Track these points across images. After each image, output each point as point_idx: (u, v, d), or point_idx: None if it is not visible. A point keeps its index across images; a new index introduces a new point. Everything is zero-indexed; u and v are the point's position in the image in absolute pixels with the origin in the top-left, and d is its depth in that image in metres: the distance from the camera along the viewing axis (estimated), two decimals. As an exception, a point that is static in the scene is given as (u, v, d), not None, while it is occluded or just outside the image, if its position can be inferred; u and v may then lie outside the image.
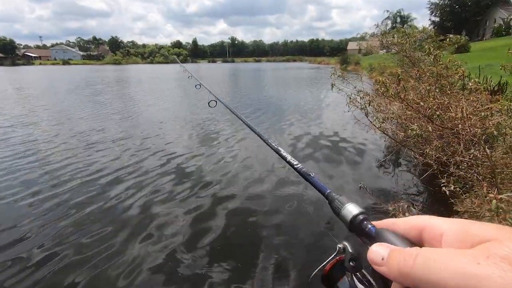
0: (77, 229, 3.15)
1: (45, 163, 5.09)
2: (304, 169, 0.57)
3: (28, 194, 3.95)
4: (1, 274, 2.52)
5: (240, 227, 3.23)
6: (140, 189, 4.06)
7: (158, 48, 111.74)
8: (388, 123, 4.28)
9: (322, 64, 60.76)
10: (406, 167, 4.77)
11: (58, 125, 8.04)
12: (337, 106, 10.40)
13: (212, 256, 2.72)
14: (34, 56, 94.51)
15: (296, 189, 4.02)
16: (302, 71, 39.86)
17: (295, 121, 8.29)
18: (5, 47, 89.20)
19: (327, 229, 3.12)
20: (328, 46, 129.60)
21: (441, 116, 2.97)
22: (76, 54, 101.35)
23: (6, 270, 2.57)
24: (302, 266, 2.59)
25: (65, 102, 12.66)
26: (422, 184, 4.07)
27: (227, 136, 6.82)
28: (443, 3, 48.16)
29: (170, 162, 5.05)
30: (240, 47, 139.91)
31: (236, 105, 11.56)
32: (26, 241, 2.95)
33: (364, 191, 2.52)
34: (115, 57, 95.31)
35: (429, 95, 3.58)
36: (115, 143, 6.23)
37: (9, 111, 10.28)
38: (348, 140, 6.28)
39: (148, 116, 9.54)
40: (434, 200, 3.60)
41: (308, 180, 0.54)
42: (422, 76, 4.41)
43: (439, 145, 3.10)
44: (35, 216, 3.41)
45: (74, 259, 2.68)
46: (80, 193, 3.96)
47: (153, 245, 2.88)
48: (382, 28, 16.27)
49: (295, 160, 0.61)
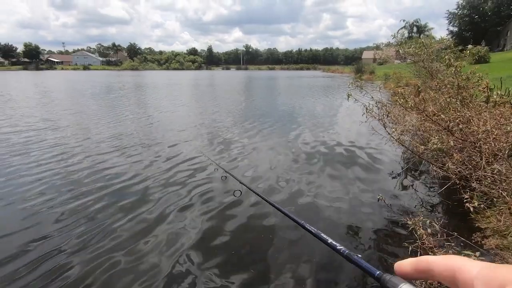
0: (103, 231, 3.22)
1: (79, 166, 5.26)
2: (347, 251, 0.56)
3: (55, 197, 4.08)
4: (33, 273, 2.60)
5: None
6: (163, 195, 4.12)
7: (174, 55, 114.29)
8: (406, 134, 4.21)
9: (335, 73, 60.51)
10: (424, 180, 4.64)
11: (86, 129, 8.31)
12: (353, 116, 10.31)
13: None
14: (56, 61, 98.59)
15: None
16: (316, 79, 39.77)
17: (309, 130, 8.26)
18: (30, 52, 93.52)
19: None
20: (343, 54, 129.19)
21: (464, 130, 2.90)
22: (96, 60, 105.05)
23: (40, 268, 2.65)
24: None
25: (92, 106, 13.10)
26: (440, 197, 3.96)
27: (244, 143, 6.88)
28: (462, 13, 47.30)
29: (197, 171, 5.10)
30: (254, 55, 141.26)
31: (251, 113, 11.64)
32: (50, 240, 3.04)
33: (382, 203, 2.48)
34: (132, 63, 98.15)
35: (450, 107, 3.51)
36: (144, 148, 6.40)
37: (39, 114, 10.71)
38: (364, 150, 6.20)
39: (171, 121, 9.74)
40: (454, 215, 3.49)
41: (354, 262, 0.53)
42: (442, 88, 4.33)
43: (460, 158, 3.02)
44: (60, 219, 3.51)
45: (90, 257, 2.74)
46: (102, 193, 4.07)
47: (167, 250, 2.91)
48: (398, 37, 16.12)
49: (337, 243, 0.60)
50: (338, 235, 3.17)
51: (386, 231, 3.24)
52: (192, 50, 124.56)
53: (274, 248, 2.81)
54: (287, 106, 13.54)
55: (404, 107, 3.48)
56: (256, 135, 7.62)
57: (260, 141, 7.00)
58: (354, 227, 3.30)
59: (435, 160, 3.84)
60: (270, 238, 2.97)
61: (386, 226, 3.33)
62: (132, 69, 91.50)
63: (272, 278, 2.50)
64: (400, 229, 3.16)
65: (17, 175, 4.80)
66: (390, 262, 2.66)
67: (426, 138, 4.01)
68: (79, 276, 2.53)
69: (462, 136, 3.23)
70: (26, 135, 7.41)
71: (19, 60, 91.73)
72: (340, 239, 3.10)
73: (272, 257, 2.70)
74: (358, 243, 3.03)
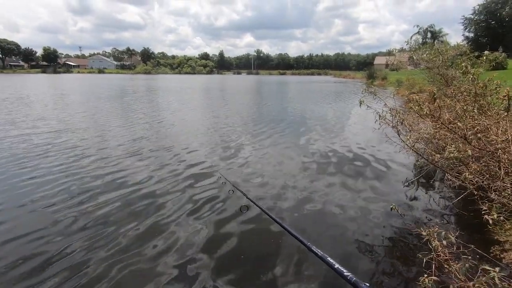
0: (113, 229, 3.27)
1: (99, 167, 5.38)
2: (354, 278, 0.55)
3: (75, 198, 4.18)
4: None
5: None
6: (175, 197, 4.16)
7: (186, 60, 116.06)
8: (420, 142, 4.12)
9: (347, 78, 60.11)
10: (439, 189, 4.53)
11: (100, 133, 8.50)
12: (365, 122, 10.18)
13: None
14: (73, 65, 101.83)
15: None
16: (328, 85, 39.56)
17: (320, 136, 8.20)
18: (49, 56, 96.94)
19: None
20: (354, 60, 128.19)
21: (482, 138, 2.82)
22: (110, 64, 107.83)
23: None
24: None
25: (108, 109, 13.41)
26: (456, 208, 3.84)
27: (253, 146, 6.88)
28: (478, 19, 46.37)
29: (209, 175, 5.12)
30: (265, 59, 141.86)
31: (262, 119, 11.64)
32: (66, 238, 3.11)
33: (395, 213, 2.42)
34: (145, 67, 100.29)
35: (466, 115, 3.42)
36: (153, 153, 6.47)
37: (56, 116, 11.04)
38: (376, 158, 6.10)
39: (181, 125, 9.86)
40: (470, 227, 3.38)
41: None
42: (458, 95, 4.23)
43: (477, 168, 2.93)
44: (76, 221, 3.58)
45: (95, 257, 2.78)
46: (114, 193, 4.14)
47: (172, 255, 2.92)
48: (411, 43, 15.88)
49: (344, 269, 0.60)
50: (344, 245, 3.10)
51: (399, 242, 3.15)
52: (203, 54, 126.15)
53: (278, 267, 2.73)
54: (298, 111, 13.50)
55: (419, 114, 3.41)
56: (266, 141, 7.60)
57: (270, 147, 6.98)
58: (362, 237, 3.22)
59: (450, 169, 3.74)
60: (275, 256, 2.88)
61: (399, 236, 3.25)
62: (145, 73, 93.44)
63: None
64: (414, 240, 3.08)
65: (34, 175, 4.94)
66: (405, 281, 2.59)
67: (441, 146, 3.92)
68: (89, 276, 2.58)
69: (479, 145, 3.14)
70: (46, 136, 7.64)
71: (38, 64, 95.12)
72: (346, 250, 3.02)
73: (275, 277, 2.63)
74: (367, 254, 2.96)
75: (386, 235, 3.25)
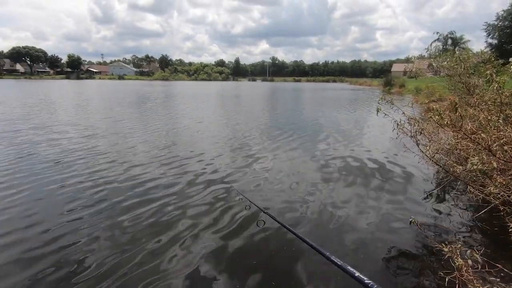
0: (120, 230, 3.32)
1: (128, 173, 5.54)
2: (376, 286, 0.53)
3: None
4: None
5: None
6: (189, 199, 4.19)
7: (202, 66, 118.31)
8: (440, 153, 3.97)
9: (363, 86, 59.27)
10: (460, 203, 4.32)
11: (121, 138, 8.76)
12: (383, 132, 9.95)
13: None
14: (95, 71, 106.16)
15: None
16: (343, 92, 39.13)
17: (337, 145, 8.04)
18: (73, 62, 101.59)
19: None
20: (371, 67, 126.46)
21: (508, 150, 2.68)
22: (130, 70, 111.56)
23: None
24: None
25: (132, 114, 13.83)
26: (479, 223, 3.65)
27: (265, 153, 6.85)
28: (503, 25, 44.72)
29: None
30: (281, 66, 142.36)
31: (279, 127, 11.62)
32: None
33: (415, 226, 2.32)
34: (163, 74, 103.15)
35: (491, 125, 3.27)
36: (169, 160, 6.59)
37: (79, 121, 11.50)
38: (395, 168, 5.91)
39: (198, 135, 10.01)
40: (495, 243, 3.19)
41: None
42: (481, 104, 4.06)
43: (503, 182, 2.78)
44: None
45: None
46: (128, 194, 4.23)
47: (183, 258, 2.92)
48: (431, 50, 15.46)
49: (365, 277, 0.58)
50: (361, 259, 2.99)
51: (419, 258, 3.01)
52: (219, 61, 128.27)
53: (295, 277, 2.68)
54: (314, 119, 13.32)
55: (439, 124, 3.29)
56: (283, 150, 7.46)
57: (286, 157, 6.84)
58: (380, 251, 3.10)
59: (473, 182, 3.57)
60: (293, 266, 2.83)
61: (419, 252, 3.10)
62: (163, 79, 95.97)
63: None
64: (435, 255, 2.93)
65: (52, 178, 5.13)
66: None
67: (463, 158, 3.75)
68: (102, 275, 2.62)
69: (505, 157, 2.98)
70: (73, 142, 7.95)
71: (62, 70, 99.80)
72: (363, 264, 2.92)
73: (291, 286, 2.59)
74: (387, 270, 2.84)
75: (406, 249, 3.12)
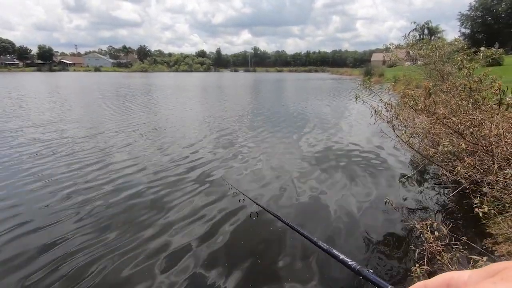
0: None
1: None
2: (358, 267, 0.58)
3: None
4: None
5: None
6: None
7: (183, 57, 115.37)
8: (415, 137, 4.15)
9: (344, 75, 60.10)
10: (434, 184, 4.56)
11: (104, 137, 8.48)
12: (362, 118, 10.21)
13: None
14: (69, 63, 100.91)
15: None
16: (325, 82, 39.56)
17: (316, 132, 8.22)
18: (44, 54, 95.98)
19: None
20: (352, 57, 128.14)
21: (475, 133, 2.84)
22: (107, 62, 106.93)
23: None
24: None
25: (116, 109, 13.35)
26: (450, 202, 3.88)
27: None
28: (475, 15, 46.45)
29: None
30: (263, 57, 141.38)
31: (264, 119, 11.63)
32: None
33: (390, 206, 2.45)
34: (142, 65, 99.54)
35: (461, 109, 3.45)
36: (158, 157, 6.45)
37: (51, 117, 10.98)
38: (372, 153, 6.13)
39: (184, 130, 9.85)
40: (464, 220, 3.42)
41: (365, 277, 0.54)
42: (453, 90, 4.25)
43: (471, 162, 2.96)
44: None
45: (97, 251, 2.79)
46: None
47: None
48: (409, 39, 15.88)
49: (349, 258, 0.63)
50: (345, 239, 3.14)
51: (393, 235, 3.19)
52: (200, 52, 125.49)
53: (286, 263, 2.79)
54: (297, 110, 13.39)
55: (414, 109, 3.43)
56: (268, 143, 7.46)
57: (272, 149, 6.85)
58: (361, 231, 3.26)
59: (445, 164, 3.77)
60: (283, 253, 2.93)
61: (393, 229, 3.28)
62: (141, 71, 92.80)
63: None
64: (408, 233, 3.11)
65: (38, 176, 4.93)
66: (399, 271, 2.62)
67: (436, 141, 3.95)
68: (104, 274, 2.59)
69: (473, 140, 3.17)
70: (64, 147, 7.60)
71: (33, 62, 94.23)
72: (347, 243, 3.07)
73: (285, 273, 2.67)
74: (365, 247, 2.99)
75: (381, 229, 3.29)
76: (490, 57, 6.12)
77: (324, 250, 0.77)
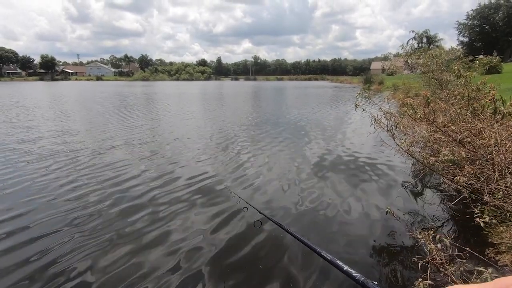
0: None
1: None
2: (363, 278, 0.57)
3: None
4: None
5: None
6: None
7: (184, 66, 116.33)
8: (415, 146, 4.15)
9: (344, 83, 60.49)
10: (434, 193, 4.54)
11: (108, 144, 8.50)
12: (361, 127, 10.23)
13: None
14: (71, 72, 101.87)
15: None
16: (325, 90, 39.77)
17: (317, 140, 8.22)
18: (46, 63, 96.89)
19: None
20: (351, 65, 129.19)
21: (474, 141, 2.84)
22: (108, 71, 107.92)
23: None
24: None
25: (117, 119, 13.41)
26: (452, 211, 3.85)
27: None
28: (472, 24, 47.04)
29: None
30: (263, 65, 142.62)
31: (266, 127, 11.65)
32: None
33: (391, 216, 2.43)
34: (143, 74, 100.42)
35: (460, 118, 3.46)
36: (161, 166, 6.45)
37: (57, 127, 11.03)
38: (373, 162, 6.12)
39: (186, 141, 9.87)
40: (466, 230, 3.39)
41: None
42: (452, 98, 4.27)
43: (471, 171, 2.95)
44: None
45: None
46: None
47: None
48: (407, 48, 16.01)
49: (353, 269, 0.61)
50: (346, 249, 3.11)
51: (395, 245, 3.16)
52: (201, 61, 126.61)
53: (289, 273, 2.76)
54: (298, 117, 13.41)
55: (413, 118, 3.44)
56: (271, 151, 7.43)
57: (274, 157, 6.83)
58: (362, 241, 3.23)
59: (446, 173, 3.76)
60: (286, 262, 2.91)
61: (395, 239, 3.25)
62: (143, 79, 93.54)
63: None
64: (410, 243, 3.08)
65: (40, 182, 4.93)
66: (404, 283, 2.58)
67: (436, 150, 3.94)
68: (89, 267, 2.56)
69: (473, 148, 3.17)
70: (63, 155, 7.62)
71: (35, 71, 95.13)
72: (348, 253, 3.03)
73: (287, 282, 2.64)
74: (367, 258, 2.96)
75: (382, 239, 3.26)
76: (487, 64, 6.18)
77: (328, 260, 0.76)
